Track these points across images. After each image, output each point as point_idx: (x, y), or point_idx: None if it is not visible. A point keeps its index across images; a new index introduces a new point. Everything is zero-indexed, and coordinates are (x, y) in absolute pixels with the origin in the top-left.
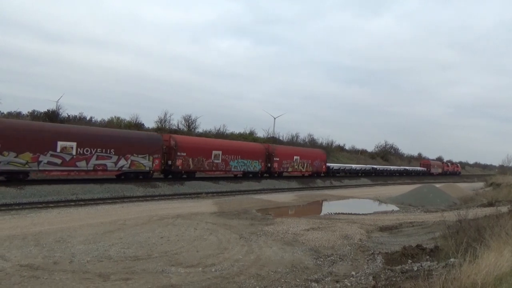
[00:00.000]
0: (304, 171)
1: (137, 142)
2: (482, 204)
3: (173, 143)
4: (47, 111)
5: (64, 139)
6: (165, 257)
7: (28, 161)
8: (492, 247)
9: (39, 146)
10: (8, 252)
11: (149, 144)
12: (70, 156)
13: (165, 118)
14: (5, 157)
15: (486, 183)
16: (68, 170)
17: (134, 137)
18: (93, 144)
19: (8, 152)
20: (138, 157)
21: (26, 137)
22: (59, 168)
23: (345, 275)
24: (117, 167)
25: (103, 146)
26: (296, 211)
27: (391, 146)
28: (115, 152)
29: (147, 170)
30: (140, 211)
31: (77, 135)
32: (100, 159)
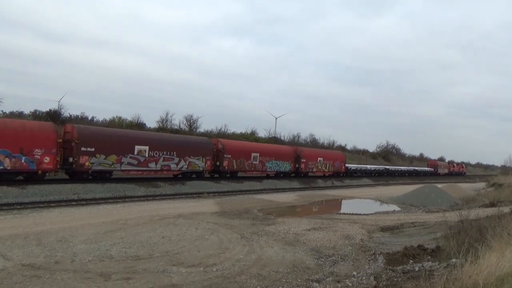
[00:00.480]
0: (326, 171)
1: (193, 146)
2: (484, 205)
3: (220, 147)
4: (49, 111)
5: (139, 143)
6: (166, 257)
7: (113, 162)
8: (494, 248)
9: (122, 149)
10: (10, 252)
11: (202, 147)
12: (144, 158)
13: (166, 118)
14: (98, 158)
15: (488, 184)
16: (142, 170)
17: (191, 141)
18: (161, 148)
19: (100, 154)
20: (194, 159)
21: (112, 142)
22: (135, 168)
23: (346, 275)
24: (178, 168)
25: (168, 149)
26: (297, 211)
27: (392, 146)
28: (177, 155)
29: (200, 170)
30: (142, 210)
31: (149, 140)
32: (166, 160)
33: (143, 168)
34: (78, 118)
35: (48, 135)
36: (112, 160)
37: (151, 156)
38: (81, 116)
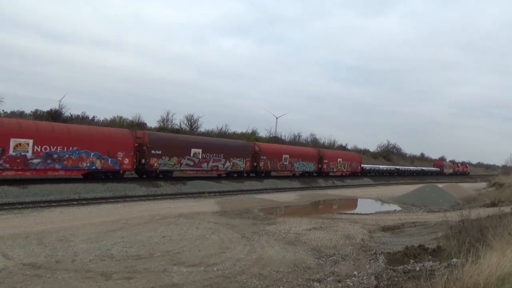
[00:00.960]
0: (344, 171)
1: (236, 149)
2: (485, 204)
3: (257, 149)
4: (50, 111)
5: (195, 147)
6: (167, 256)
7: (175, 163)
8: (495, 248)
9: (181, 152)
10: (11, 251)
11: (243, 150)
12: (198, 159)
13: (167, 118)
14: (163, 160)
15: (489, 183)
16: (196, 170)
17: (234, 145)
18: (211, 150)
19: (165, 156)
20: (237, 160)
21: (174, 145)
22: (191, 168)
23: (347, 275)
24: (224, 168)
25: (217, 152)
26: (298, 211)
27: (393, 146)
28: (224, 156)
29: (241, 169)
30: (142, 210)
31: (202, 143)
32: (215, 161)
33: (197, 168)
34: (79, 118)
35: (127, 140)
36: (174, 161)
37: (203, 158)
38: (82, 115)
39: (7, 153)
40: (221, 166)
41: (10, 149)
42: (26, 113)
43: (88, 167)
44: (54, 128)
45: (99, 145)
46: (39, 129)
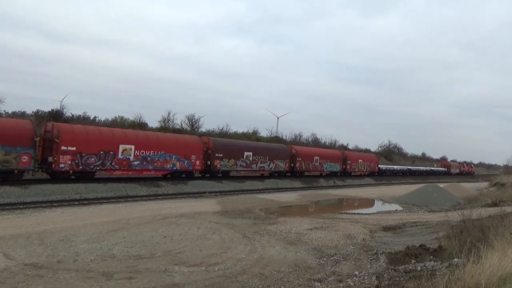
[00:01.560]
0: (364, 171)
1: (278, 151)
2: (486, 204)
3: (294, 152)
4: (51, 111)
5: (246, 150)
6: (168, 256)
7: (232, 164)
8: (496, 247)
9: (237, 155)
10: (12, 251)
11: (283, 152)
12: (249, 161)
13: (168, 118)
14: (224, 162)
15: (491, 183)
16: (247, 170)
17: (276, 148)
18: (259, 153)
19: (225, 159)
20: (278, 161)
21: (232, 149)
22: (244, 169)
23: (348, 274)
24: (268, 168)
25: (263, 154)
26: (299, 211)
27: (394, 146)
28: (268, 159)
29: (282, 170)
30: (144, 210)
31: (252, 147)
32: (262, 163)
33: (249, 169)
34: (80, 118)
35: (198, 145)
36: (232, 163)
37: (253, 160)
38: (83, 116)
39: (117, 156)
40: (267, 167)
41: (119, 153)
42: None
43: (171, 167)
44: (148, 136)
45: (179, 150)
46: (138, 137)
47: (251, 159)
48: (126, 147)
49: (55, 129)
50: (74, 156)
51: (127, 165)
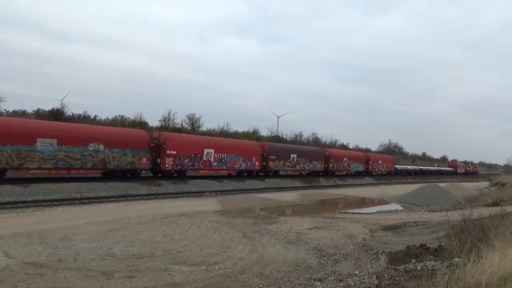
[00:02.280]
0: (383, 171)
1: (315, 154)
2: (486, 204)
3: (328, 154)
4: (51, 110)
5: (293, 152)
6: (168, 255)
7: (281, 165)
8: (497, 247)
9: (285, 157)
10: (13, 250)
11: (319, 154)
12: (294, 162)
13: (169, 117)
14: (276, 163)
15: (491, 183)
16: (292, 170)
17: (314, 151)
18: (302, 155)
19: (277, 160)
20: (315, 162)
21: (282, 152)
22: (290, 169)
23: (348, 274)
24: (308, 168)
25: (305, 156)
26: (299, 210)
27: (395, 145)
28: (308, 160)
29: (318, 170)
30: (144, 209)
31: (297, 150)
32: (303, 164)
33: (293, 169)
34: (80, 117)
35: (257, 149)
36: (281, 164)
37: (297, 161)
38: (83, 115)
39: (202, 158)
40: (307, 167)
41: (204, 156)
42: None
43: (238, 168)
44: (223, 141)
45: (244, 153)
46: (216, 142)
47: (295, 161)
48: (209, 151)
49: (162, 137)
50: (175, 158)
51: (209, 165)
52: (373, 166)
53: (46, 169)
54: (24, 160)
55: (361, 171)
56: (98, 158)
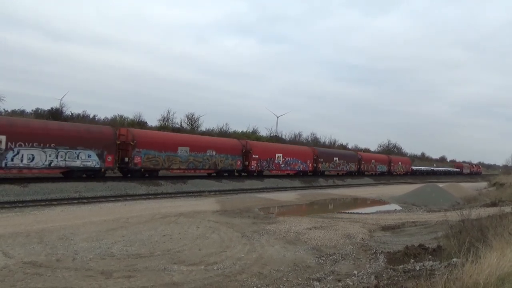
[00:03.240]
0: (402, 172)
1: (351, 157)
2: (485, 204)
3: (360, 157)
4: (50, 109)
5: (335, 156)
6: (167, 255)
7: (327, 167)
8: (495, 247)
9: (330, 159)
10: (11, 249)
11: (353, 157)
12: (336, 164)
13: (168, 117)
14: (323, 164)
15: (490, 183)
16: (335, 170)
17: (350, 154)
18: (341, 158)
19: (324, 162)
20: (351, 164)
21: (328, 156)
22: (333, 169)
23: (347, 274)
24: (346, 169)
25: (343, 159)
26: (298, 210)
27: (394, 145)
28: (346, 162)
29: (353, 170)
30: (143, 209)
31: (338, 154)
32: (342, 165)
33: (336, 169)
34: (79, 117)
35: (310, 153)
36: (327, 165)
37: (338, 163)
38: (82, 114)
39: (274, 161)
40: (345, 168)
41: (276, 159)
42: (27, 111)
43: (298, 169)
44: (288, 147)
45: (301, 156)
46: (283, 148)
47: (337, 163)
48: (279, 155)
49: (248, 145)
50: (257, 161)
51: (279, 167)
52: (395, 167)
53: (182, 169)
54: (171, 162)
55: (385, 172)
56: (211, 161)
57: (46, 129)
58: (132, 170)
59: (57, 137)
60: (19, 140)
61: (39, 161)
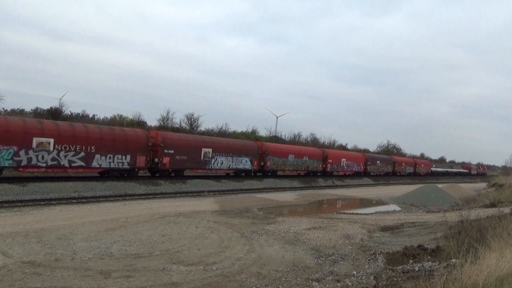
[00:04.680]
0: (424, 173)
1: (388, 160)
2: (484, 205)
3: (394, 160)
4: (50, 109)
5: (377, 160)
6: (166, 255)
7: (372, 168)
8: (494, 248)
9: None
10: (10, 249)
11: (390, 161)
12: (378, 166)
13: (167, 116)
14: (370, 167)
15: (489, 184)
16: (377, 171)
17: (387, 158)
18: (382, 161)
19: (371, 165)
20: (388, 166)
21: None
22: (377, 171)
23: (346, 274)
24: (385, 171)
25: (384, 162)
26: (297, 210)
27: (393, 146)
28: (385, 164)
29: (389, 171)
30: (142, 209)
31: (379, 159)
32: (382, 167)
33: (377, 170)
34: (79, 116)
35: (361, 158)
36: (372, 167)
37: (380, 166)
38: (82, 114)
39: (341, 164)
40: (383, 169)
41: (341, 162)
42: (26, 111)
43: (354, 170)
44: (349, 153)
45: (356, 160)
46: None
47: (379, 165)
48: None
49: (325, 152)
50: (331, 165)
51: (343, 169)
52: (418, 168)
53: (289, 170)
54: (283, 166)
55: (412, 173)
56: (305, 165)
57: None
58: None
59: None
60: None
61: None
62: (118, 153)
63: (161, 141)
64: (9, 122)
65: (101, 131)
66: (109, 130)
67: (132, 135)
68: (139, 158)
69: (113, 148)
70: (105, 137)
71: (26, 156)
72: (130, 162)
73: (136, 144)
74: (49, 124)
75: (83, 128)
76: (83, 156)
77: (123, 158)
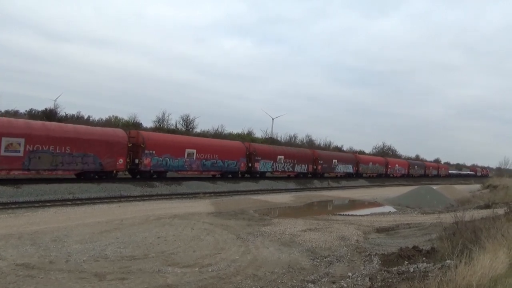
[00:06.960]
0: (443, 174)
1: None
2: (478, 206)
3: (387, 161)
4: (44, 110)
5: (396, 163)
6: (161, 257)
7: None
8: (488, 249)
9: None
10: (4, 251)
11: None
12: (396, 169)
13: (163, 118)
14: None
15: (483, 185)
16: (337, 172)
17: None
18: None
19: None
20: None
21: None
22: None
23: (341, 276)
24: (400, 173)
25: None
26: (293, 212)
27: (389, 148)
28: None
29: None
30: (137, 210)
31: (398, 162)
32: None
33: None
34: (74, 118)
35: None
36: (391, 170)
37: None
38: (77, 115)
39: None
40: (403, 172)
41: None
42: (20, 112)
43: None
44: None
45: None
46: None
47: (396, 168)
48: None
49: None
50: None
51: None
52: (432, 170)
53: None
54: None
55: (422, 175)
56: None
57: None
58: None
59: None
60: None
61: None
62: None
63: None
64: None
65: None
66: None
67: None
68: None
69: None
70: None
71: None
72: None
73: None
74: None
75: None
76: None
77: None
